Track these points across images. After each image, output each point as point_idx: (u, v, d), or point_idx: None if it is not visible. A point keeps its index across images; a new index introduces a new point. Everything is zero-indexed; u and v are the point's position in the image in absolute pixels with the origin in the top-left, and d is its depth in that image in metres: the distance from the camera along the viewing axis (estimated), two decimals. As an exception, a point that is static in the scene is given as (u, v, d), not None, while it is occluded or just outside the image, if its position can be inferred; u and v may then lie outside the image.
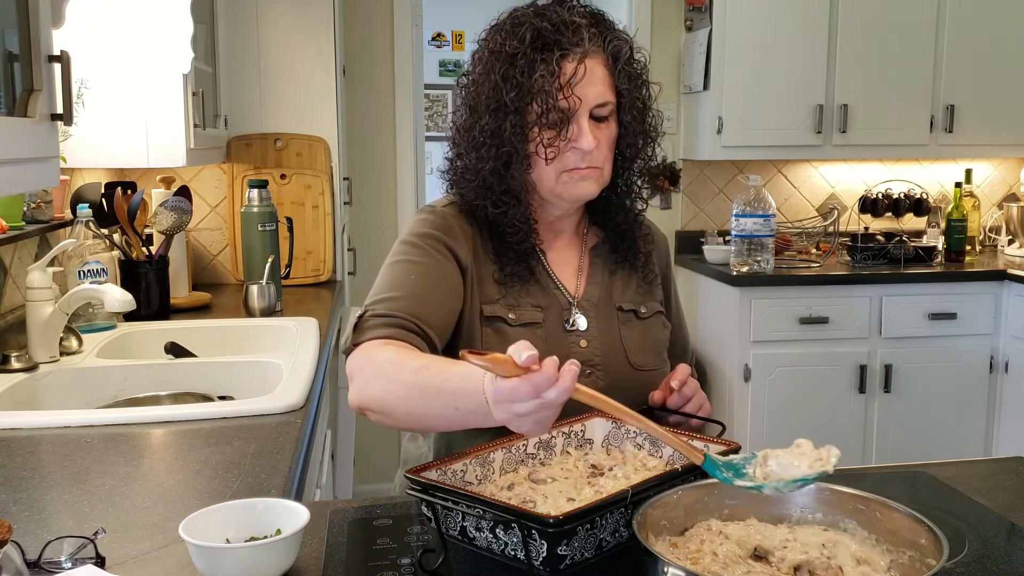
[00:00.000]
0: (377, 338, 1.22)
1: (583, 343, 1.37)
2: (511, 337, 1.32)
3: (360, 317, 1.27)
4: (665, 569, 0.81)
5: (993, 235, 4.10)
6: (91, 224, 2.28)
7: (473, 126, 1.33)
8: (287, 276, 2.81)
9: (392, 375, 1.14)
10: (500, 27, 1.33)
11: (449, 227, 1.36)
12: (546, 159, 1.30)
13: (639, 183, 1.43)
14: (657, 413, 1.32)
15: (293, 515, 0.98)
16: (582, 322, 1.38)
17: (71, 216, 2.38)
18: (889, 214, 4.02)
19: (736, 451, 1.11)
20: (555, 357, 0.90)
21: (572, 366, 0.90)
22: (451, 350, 1.30)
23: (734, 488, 0.98)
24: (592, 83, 1.28)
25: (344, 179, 3.31)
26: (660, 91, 1.42)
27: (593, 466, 1.14)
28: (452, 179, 1.40)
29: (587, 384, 1.32)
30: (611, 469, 1.13)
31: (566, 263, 1.43)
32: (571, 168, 1.31)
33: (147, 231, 2.54)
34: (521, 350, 0.89)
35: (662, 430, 1.00)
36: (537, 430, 0.95)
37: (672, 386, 1.30)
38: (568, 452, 1.19)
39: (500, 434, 1.10)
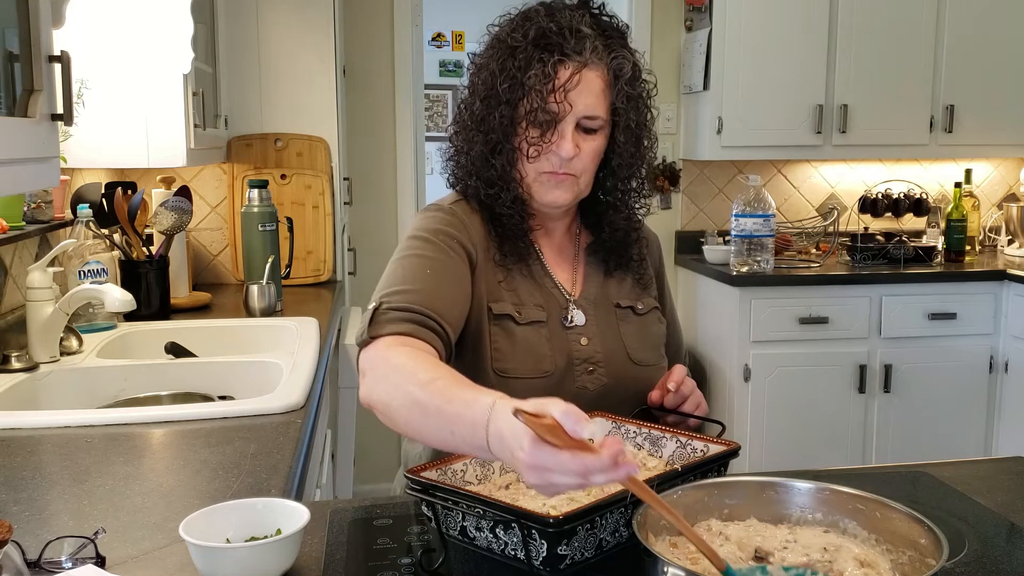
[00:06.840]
0: (393, 333, 1.18)
1: (584, 340, 1.37)
2: (518, 336, 1.32)
3: (375, 309, 1.21)
4: (665, 569, 0.81)
5: (993, 235, 4.09)
6: (91, 224, 2.28)
7: (468, 108, 1.36)
8: (287, 276, 2.81)
9: (399, 384, 1.09)
10: (511, 19, 1.35)
11: (461, 223, 1.35)
12: (528, 156, 1.31)
13: (634, 196, 1.41)
14: (655, 412, 1.32)
15: (293, 515, 0.98)
16: (580, 317, 1.38)
17: (71, 216, 2.38)
18: (889, 214, 4.02)
19: (736, 452, 1.11)
20: (617, 440, 0.81)
21: (630, 465, 0.80)
22: (459, 347, 1.31)
23: (734, 486, 0.98)
24: (585, 94, 1.28)
25: (344, 179, 3.31)
26: (658, 114, 1.43)
27: None
28: (449, 156, 1.41)
29: (589, 381, 1.34)
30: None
31: (562, 263, 1.43)
32: (548, 171, 1.32)
33: (147, 231, 2.54)
34: (575, 419, 0.79)
35: (690, 528, 0.88)
36: (550, 492, 0.87)
37: (668, 387, 1.30)
38: (568, 452, 1.19)
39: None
